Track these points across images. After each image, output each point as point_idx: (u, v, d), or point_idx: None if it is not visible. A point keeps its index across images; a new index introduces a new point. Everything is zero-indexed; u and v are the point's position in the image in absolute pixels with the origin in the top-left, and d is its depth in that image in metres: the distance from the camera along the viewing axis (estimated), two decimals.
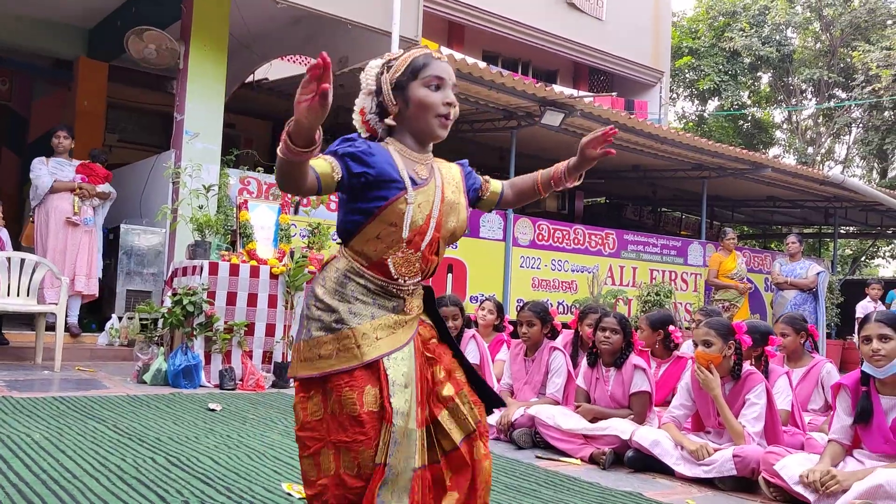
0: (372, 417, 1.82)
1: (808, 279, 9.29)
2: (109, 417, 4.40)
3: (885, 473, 3.20)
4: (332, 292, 1.91)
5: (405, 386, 1.86)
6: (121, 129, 11.77)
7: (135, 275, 7.84)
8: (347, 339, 1.85)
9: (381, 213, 1.88)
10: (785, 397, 4.30)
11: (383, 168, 1.88)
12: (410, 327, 1.95)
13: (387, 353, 1.87)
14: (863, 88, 21.31)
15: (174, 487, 3.03)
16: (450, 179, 2.04)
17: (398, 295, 1.94)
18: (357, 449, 1.80)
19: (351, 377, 1.83)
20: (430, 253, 1.96)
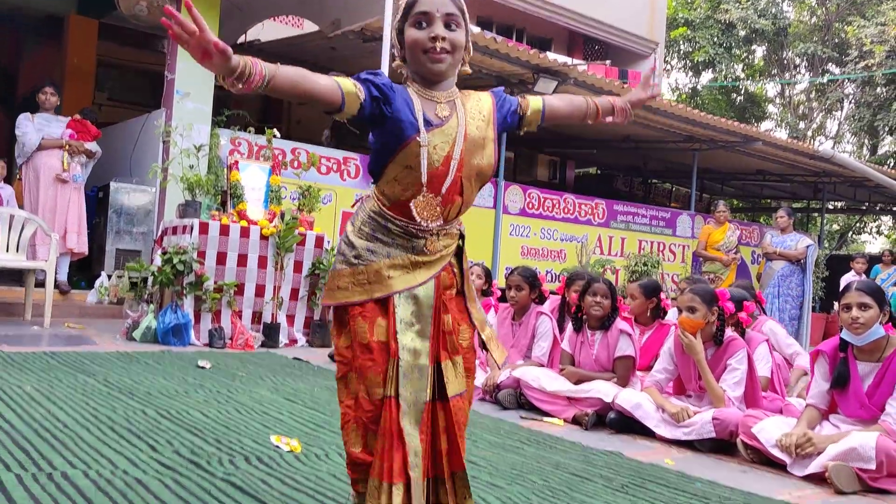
0: (380, 346, 1.91)
1: (797, 251, 9.38)
2: (99, 372, 4.44)
3: (859, 437, 3.29)
4: (358, 230, 2.00)
5: (412, 324, 1.93)
6: (110, 88, 11.66)
7: (124, 233, 7.84)
8: (361, 275, 1.95)
9: (397, 155, 1.92)
10: (765, 364, 4.38)
11: (400, 106, 1.90)
12: (430, 268, 1.98)
13: (396, 291, 1.93)
14: (856, 64, 21.30)
15: (164, 438, 3.08)
16: (475, 113, 2.02)
17: (419, 235, 1.97)
18: (367, 374, 1.91)
19: (363, 308, 1.94)
20: (453, 194, 1.97)
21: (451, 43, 1.94)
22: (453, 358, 1.99)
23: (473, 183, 2.01)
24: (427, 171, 1.91)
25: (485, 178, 2.04)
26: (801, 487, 3.28)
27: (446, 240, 2.02)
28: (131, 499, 2.32)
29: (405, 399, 1.89)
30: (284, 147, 8.44)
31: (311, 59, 10.59)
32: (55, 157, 7.20)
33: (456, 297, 2.07)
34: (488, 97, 2.08)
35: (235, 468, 2.75)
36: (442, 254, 2.01)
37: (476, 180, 2.02)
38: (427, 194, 1.94)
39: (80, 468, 2.58)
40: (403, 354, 1.90)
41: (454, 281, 2.06)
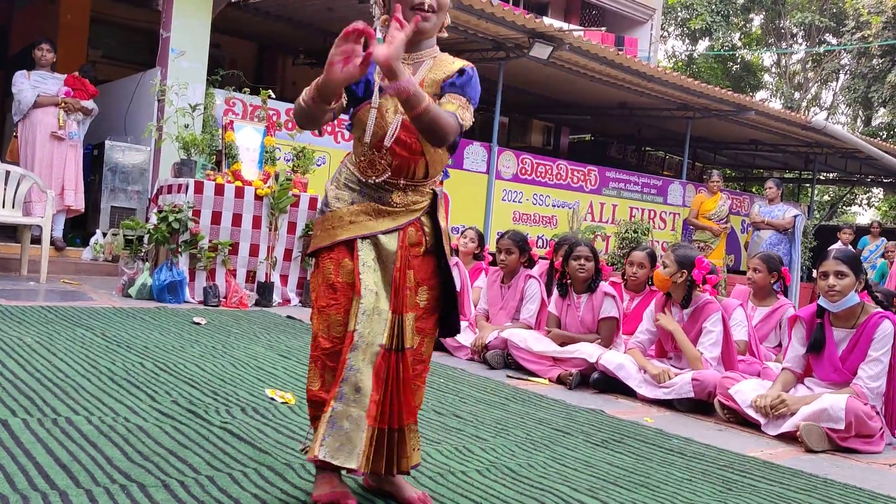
0: (344, 287, 2.03)
1: (785, 220, 9.52)
2: (97, 326, 4.55)
3: (830, 399, 3.44)
4: (334, 179, 2.16)
5: (374, 269, 2.03)
6: (104, 45, 11.60)
7: (119, 191, 7.89)
8: (327, 221, 2.09)
9: (355, 119, 2.07)
10: (742, 328, 4.51)
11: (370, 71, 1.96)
12: (395, 219, 2.07)
13: (358, 235, 2.04)
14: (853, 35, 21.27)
15: (163, 389, 3.19)
16: (431, 80, 2.05)
17: (383, 188, 2.07)
18: (328, 313, 2.03)
19: (331, 251, 2.07)
20: (407, 153, 2.04)
21: (438, 2, 2.00)
22: (409, 313, 2.06)
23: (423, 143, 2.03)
24: (375, 133, 2.03)
25: None
26: (773, 446, 3.42)
27: (415, 196, 2.10)
28: (133, 443, 2.44)
29: (361, 335, 1.96)
30: (279, 108, 8.46)
31: (307, 20, 10.56)
32: (51, 115, 7.21)
33: (423, 256, 2.11)
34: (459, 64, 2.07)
35: (232, 417, 2.87)
36: (409, 208, 2.09)
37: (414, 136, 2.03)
38: (369, 152, 2.05)
39: (83, 415, 2.69)
40: (366, 293, 1.98)
41: (423, 239, 2.11)
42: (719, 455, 3.13)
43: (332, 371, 2.01)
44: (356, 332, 1.96)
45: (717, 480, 2.75)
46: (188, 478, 2.17)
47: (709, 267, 4.18)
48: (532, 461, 2.72)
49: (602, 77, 10.93)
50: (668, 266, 4.12)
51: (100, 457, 2.28)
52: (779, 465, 3.07)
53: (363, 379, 1.94)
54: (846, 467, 3.16)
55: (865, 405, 3.44)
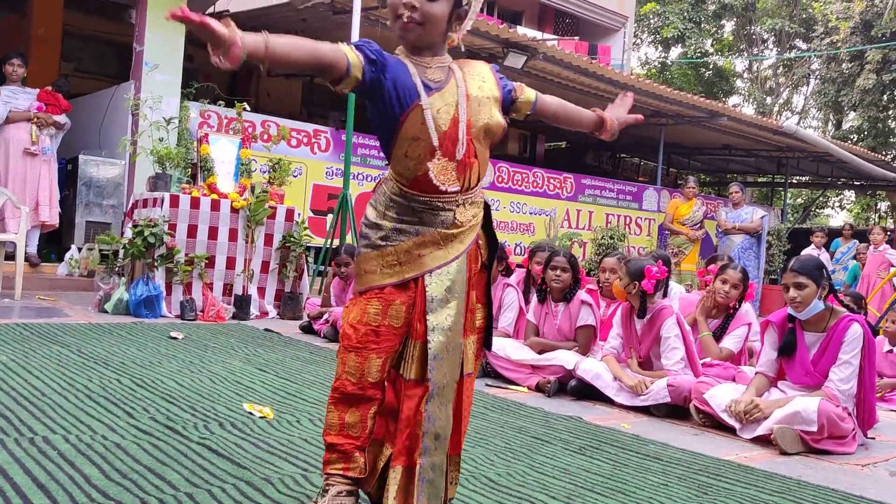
0: (390, 331, 1.88)
1: (754, 223, 9.65)
2: (73, 343, 4.52)
3: (802, 402, 3.49)
4: (381, 214, 1.94)
5: (446, 301, 1.89)
6: (77, 59, 11.54)
7: (94, 206, 7.84)
8: (390, 256, 1.90)
9: (401, 129, 1.86)
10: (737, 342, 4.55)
11: (396, 73, 1.84)
12: (461, 241, 1.93)
13: (429, 269, 1.89)
14: (822, 40, 21.62)
15: (141, 405, 3.18)
16: (475, 75, 1.97)
17: (445, 208, 1.91)
18: (366, 356, 1.87)
19: (381, 291, 1.89)
20: (467, 157, 1.90)
21: (424, 14, 1.84)
22: (469, 336, 1.97)
23: (483, 143, 1.95)
24: (437, 135, 1.85)
25: (494, 136, 1.96)
26: (748, 449, 3.47)
27: (473, 209, 1.96)
28: (111, 461, 2.43)
29: (436, 382, 1.86)
30: (254, 120, 8.46)
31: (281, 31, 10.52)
32: (24, 130, 7.16)
33: (480, 273, 2.02)
34: (485, 64, 2.03)
35: (210, 433, 2.87)
36: (472, 223, 1.95)
37: (485, 139, 1.95)
38: (441, 158, 1.87)
39: (60, 433, 2.68)
40: (435, 336, 1.86)
41: (479, 256, 2.02)
42: (695, 459, 3.17)
43: (356, 416, 1.90)
44: (430, 381, 1.86)
45: (694, 485, 2.78)
46: (167, 495, 2.17)
47: (657, 275, 4.18)
48: (511, 470, 2.75)
49: (576, 85, 11.03)
50: (622, 279, 4.21)
51: (77, 476, 2.27)
52: (754, 467, 3.12)
53: (443, 425, 1.88)
54: (819, 469, 3.21)
55: (837, 407, 3.50)
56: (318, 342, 5.57)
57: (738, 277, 4.56)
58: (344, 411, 1.91)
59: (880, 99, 20.86)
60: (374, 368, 1.87)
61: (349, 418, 1.90)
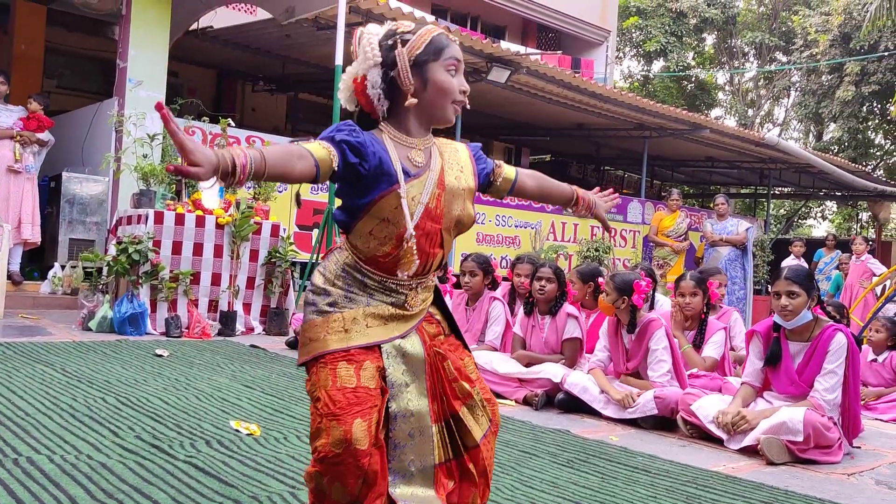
0: (368, 394, 1.73)
1: (740, 235, 9.72)
2: (57, 361, 4.48)
3: (788, 412, 3.52)
4: (330, 280, 1.85)
5: (405, 385, 1.82)
6: (59, 75, 11.50)
7: (77, 223, 7.79)
8: (336, 322, 1.80)
9: (372, 209, 1.78)
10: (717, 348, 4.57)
11: (377, 162, 1.76)
12: (408, 322, 1.86)
13: (379, 341, 1.80)
14: (801, 53, 21.87)
15: (126, 424, 3.16)
16: (453, 163, 1.90)
17: (398, 291, 1.85)
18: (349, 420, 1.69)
19: (347, 353, 1.77)
20: (430, 246, 1.85)
21: None
22: (468, 402, 1.87)
23: (451, 233, 1.90)
24: (406, 221, 1.78)
25: (463, 228, 1.92)
26: (735, 460, 3.48)
27: (425, 293, 1.91)
28: (96, 481, 2.41)
29: (401, 470, 1.79)
30: (239, 136, 8.45)
31: (266, 47, 10.59)
32: (5, 148, 7.13)
33: (447, 339, 1.95)
34: (465, 148, 1.98)
35: (197, 451, 2.85)
36: (421, 307, 1.89)
37: (454, 230, 1.90)
38: (404, 243, 1.80)
39: (45, 453, 2.65)
40: (398, 423, 1.79)
41: (440, 328, 1.95)
42: (683, 471, 3.18)
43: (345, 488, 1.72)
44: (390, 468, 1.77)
45: (682, 496, 2.79)
46: None
47: (646, 289, 4.21)
48: (499, 484, 2.74)
49: (560, 99, 11.11)
50: (610, 294, 4.21)
51: (63, 496, 2.25)
52: (741, 478, 3.13)
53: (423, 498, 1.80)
54: (806, 478, 3.23)
55: (823, 417, 3.52)
56: None
57: (691, 286, 4.62)
58: (330, 483, 1.72)
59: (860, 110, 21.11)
60: (360, 433, 1.68)
61: (335, 492, 1.73)
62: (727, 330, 4.77)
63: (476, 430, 1.86)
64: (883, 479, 3.29)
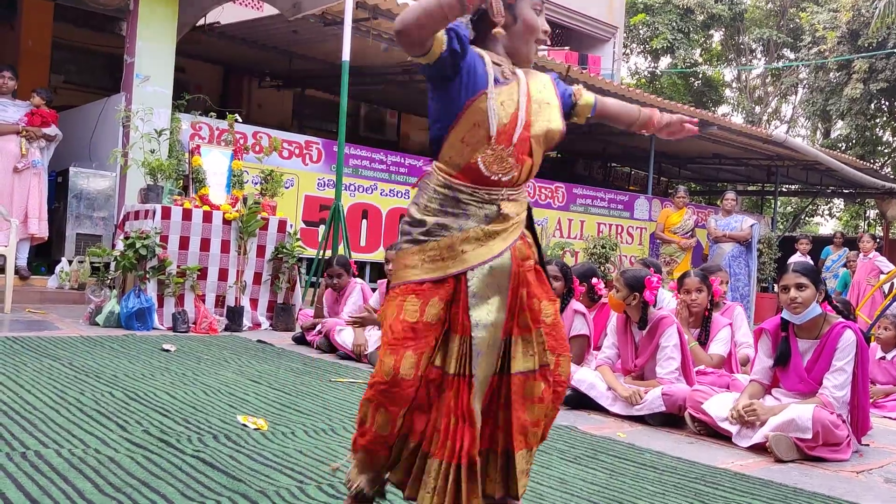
0: (426, 327, 1.86)
1: (744, 231, 9.69)
2: (64, 356, 4.49)
3: (797, 409, 3.50)
4: (423, 207, 1.94)
5: (486, 298, 1.89)
6: (66, 71, 11.52)
7: (84, 218, 7.80)
8: (433, 251, 1.90)
9: (464, 113, 1.90)
10: (723, 344, 4.56)
11: (472, 61, 1.90)
12: (505, 238, 1.93)
13: (472, 265, 1.88)
14: (809, 49, 21.78)
15: (134, 418, 3.16)
16: (536, 81, 2.05)
17: (491, 200, 1.93)
18: (401, 353, 1.84)
19: (419, 286, 1.88)
20: (521, 153, 1.95)
21: None
22: (524, 335, 1.94)
23: (542, 144, 2.01)
24: (496, 125, 1.90)
25: (552, 141, 2.04)
26: (744, 457, 3.47)
27: (517, 206, 1.98)
28: (104, 475, 2.41)
29: (478, 378, 1.86)
30: (246, 131, 8.45)
31: (272, 43, 10.59)
32: (13, 143, 7.14)
33: (535, 268, 2.01)
34: (546, 76, 2.13)
35: (204, 446, 2.85)
36: (515, 221, 1.96)
37: (544, 142, 2.01)
38: (496, 146, 1.91)
39: (53, 448, 2.65)
40: (478, 332, 1.86)
41: (531, 252, 2.01)
42: (691, 468, 3.17)
43: (388, 415, 1.87)
44: (475, 377, 1.86)
45: (690, 493, 2.78)
46: None
47: (658, 285, 4.19)
48: None
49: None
50: (620, 290, 4.18)
51: (71, 490, 2.25)
52: (749, 475, 3.12)
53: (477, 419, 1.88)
54: (814, 476, 3.21)
55: (832, 414, 3.51)
56: (311, 353, 5.55)
57: (696, 282, 4.59)
58: (375, 409, 1.88)
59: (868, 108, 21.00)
60: (408, 365, 1.83)
61: (379, 417, 1.87)
62: (732, 326, 4.75)
63: (518, 361, 1.93)
64: (892, 478, 3.27)
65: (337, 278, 5.84)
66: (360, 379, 4.57)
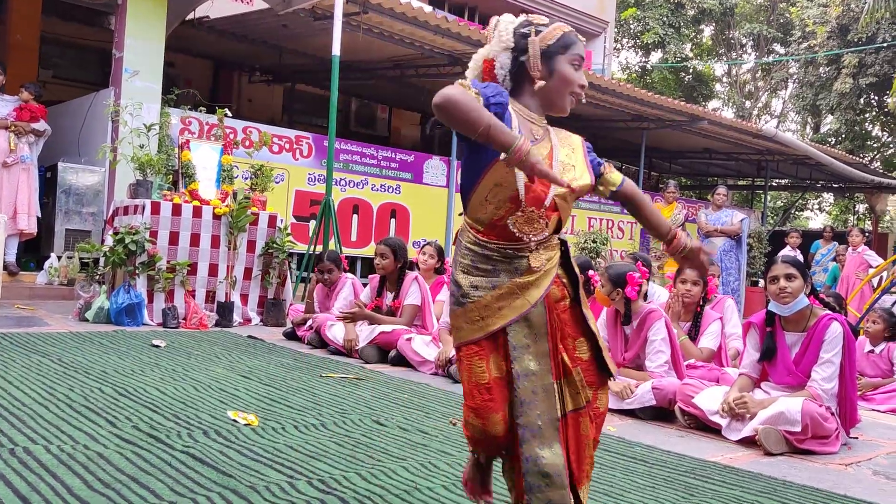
0: (499, 383, 1.93)
1: (734, 225, 9.73)
2: (53, 352, 4.47)
3: (786, 402, 3.52)
4: (459, 265, 1.99)
5: (527, 347, 1.93)
6: (55, 65, 11.45)
7: (73, 214, 7.77)
8: (472, 313, 1.94)
9: (489, 171, 1.90)
10: (714, 338, 4.58)
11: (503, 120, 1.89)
12: (538, 285, 1.95)
13: (510, 321, 1.92)
14: (799, 44, 21.85)
15: (123, 414, 3.15)
16: (565, 144, 2.06)
17: (518, 255, 1.94)
18: (487, 414, 1.92)
19: (479, 346, 1.94)
20: (550, 210, 1.96)
21: None
22: (567, 377, 1.98)
23: (569, 199, 2.01)
24: (523, 186, 1.90)
25: (578, 196, 2.04)
26: (733, 450, 3.48)
27: (548, 252, 1.98)
28: (93, 471, 2.40)
29: (527, 425, 1.90)
30: (236, 126, 8.42)
31: (262, 37, 10.54)
32: (1, 138, 7.11)
33: (570, 307, 2.03)
34: (578, 137, 2.13)
35: (194, 441, 2.84)
36: (546, 268, 1.97)
37: (570, 197, 2.01)
38: (527, 208, 1.92)
39: (41, 444, 2.64)
40: (521, 382, 1.91)
41: (565, 292, 2.03)
42: (681, 461, 3.18)
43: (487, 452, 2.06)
44: (519, 425, 1.91)
45: (680, 486, 2.79)
46: None
47: (640, 281, 4.19)
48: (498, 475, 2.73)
49: None
50: (605, 286, 4.22)
51: (59, 486, 2.24)
52: (739, 468, 3.13)
53: (551, 463, 1.89)
54: (803, 469, 3.23)
55: (820, 407, 3.52)
56: (302, 349, 5.54)
57: (695, 275, 4.61)
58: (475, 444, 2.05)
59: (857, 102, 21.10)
60: (497, 423, 1.93)
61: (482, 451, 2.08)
62: (722, 319, 4.78)
63: (569, 401, 1.98)
64: (880, 470, 3.29)
65: (328, 273, 5.84)
66: (351, 374, 4.57)
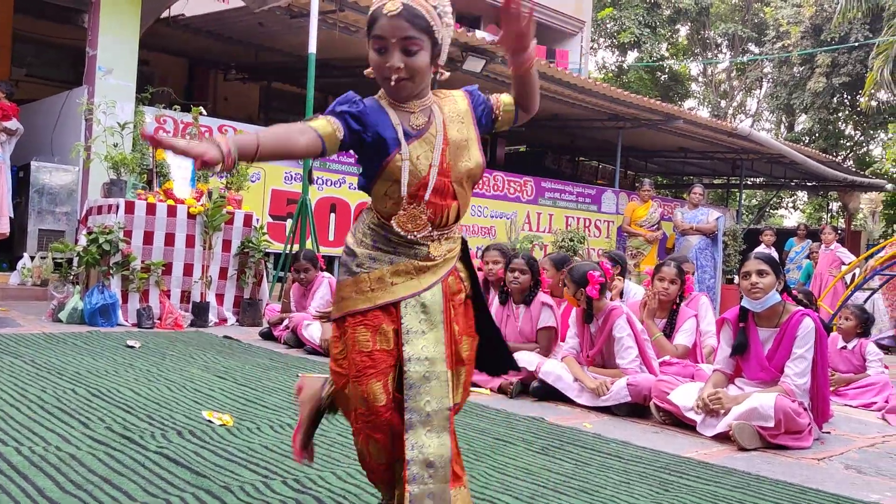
0: (383, 354, 1.89)
1: (710, 224, 9.82)
2: (26, 353, 4.41)
3: (760, 398, 3.55)
4: (359, 241, 1.97)
5: (422, 332, 1.89)
6: (28, 64, 11.30)
7: (47, 213, 7.68)
8: (363, 283, 1.92)
9: (383, 172, 1.89)
10: (688, 335, 4.62)
11: (377, 127, 1.88)
12: (435, 273, 1.94)
13: (402, 297, 1.90)
14: (774, 44, 22.08)
15: (96, 416, 3.12)
16: (453, 116, 1.97)
17: (420, 243, 1.94)
18: (367, 382, 1.87)
19: (365, 316, 1.90)
20: (442, 199, 1.93)
21: (410, 70, 1.85)
22: (457, 368, 1.97)
23: (465, 185, 1.98)
24: (409, 185, 1.88)
25: (475, 178, 2.00)
26: (707, 446, 3.51)
27: (449, 244, 1.99)
28: (65, 472, 2.37)
29: (415, 410, 1.85)
30: (211, 125, 8.36)
31: (238, 35, 10.47)
32: None
33: (464, 304, 2.02)
34: (463, 98, 2.03)
35: (168, 442, 2.82)
36: (446, 257, 1.97)
37: (467, 182, 1.98)
38: (409, 206, 1.91)
39: (12, 445, 2.61)
40: (411, 366, 1.87)
41: (461, 286, 2.02)
42: (656, 457, 3.20)
43: (377, 443, 1.92)
44: (406, 408, 1.85)
45: (655, 482, 2.81)
46: None
47: (600, 279, 4.19)
48: (474, 472, 2.74)
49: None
50: (569, 286, 4.26)
51: (30, 488, 2.21)
52: (713, 464, 3.16)
53: (436, 453, 1.85)
54: (777, 463, 3.26)
55: (793, 402, 3.56)
56: (278, 348, 5.52)
57: (673, 273, 4.65)
58: (366, 441, 1.94)
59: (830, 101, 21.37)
60: (377, 392, 1.87)
61: (372, 448, 1.93)
62: (697, 317, 4.82)
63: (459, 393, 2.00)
64: (852, 464, 3.34)
65: (304, 273, 5.81)
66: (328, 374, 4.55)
